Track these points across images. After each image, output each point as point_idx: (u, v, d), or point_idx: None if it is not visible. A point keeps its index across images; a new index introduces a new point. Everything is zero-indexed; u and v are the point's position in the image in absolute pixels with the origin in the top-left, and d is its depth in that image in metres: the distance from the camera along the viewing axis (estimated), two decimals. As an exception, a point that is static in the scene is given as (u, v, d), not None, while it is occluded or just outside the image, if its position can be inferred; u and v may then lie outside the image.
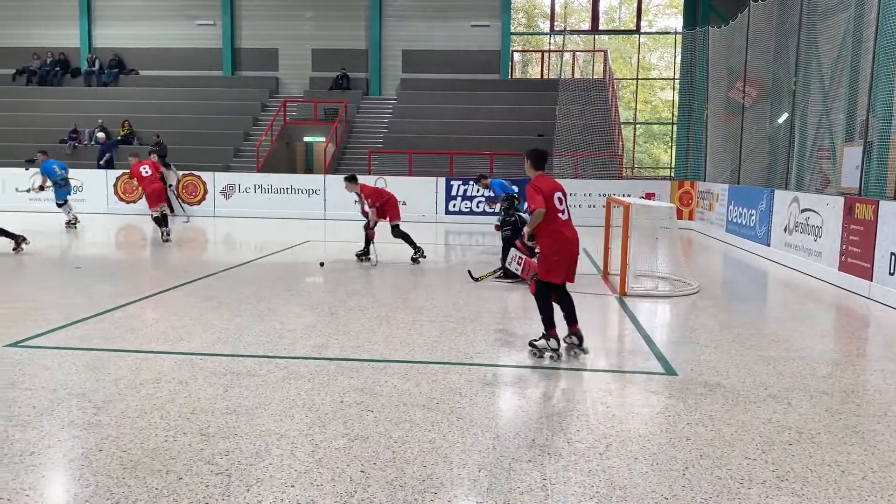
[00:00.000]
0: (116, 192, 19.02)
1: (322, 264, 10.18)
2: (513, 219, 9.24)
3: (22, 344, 5.71)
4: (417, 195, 18.12)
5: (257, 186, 18.72)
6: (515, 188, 12.34)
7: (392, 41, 24.67)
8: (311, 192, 18.60)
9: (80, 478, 3.39)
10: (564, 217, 5.62)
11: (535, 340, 5.70)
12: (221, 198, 18.80)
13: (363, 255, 10.68)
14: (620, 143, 21.67)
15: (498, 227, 9.74)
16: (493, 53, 24.65)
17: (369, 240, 10.58)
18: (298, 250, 12.39)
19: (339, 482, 3.36)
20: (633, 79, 28.44)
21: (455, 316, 7.17)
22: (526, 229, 5.84)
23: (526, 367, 5.48)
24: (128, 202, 18.91)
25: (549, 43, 27.93)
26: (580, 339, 5.69)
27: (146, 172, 12.91)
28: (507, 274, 9.08)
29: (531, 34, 30.89)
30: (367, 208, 10.55)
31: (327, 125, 21.81)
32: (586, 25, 27.86)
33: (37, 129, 21.93)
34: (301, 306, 7.69)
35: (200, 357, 5.47)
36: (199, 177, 18.89)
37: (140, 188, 14.29)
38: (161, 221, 12.85)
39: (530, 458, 3.69)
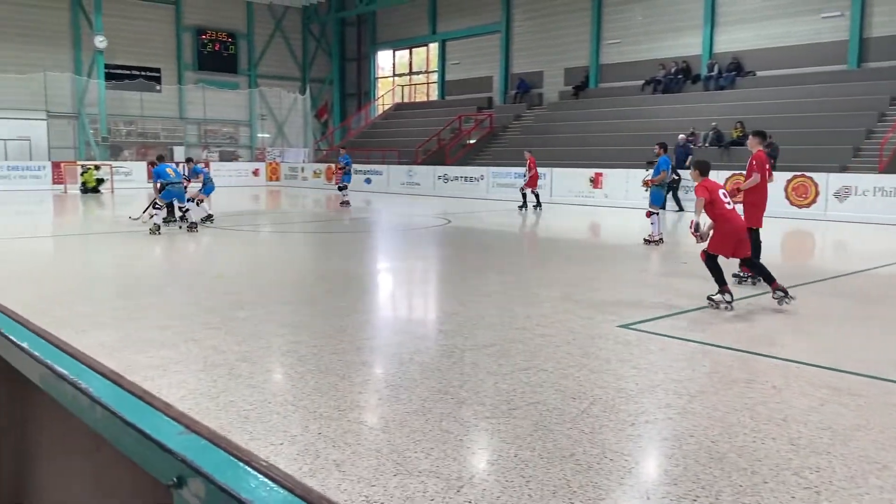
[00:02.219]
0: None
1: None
2: None
3: (632, 326, 6.40)
4: None
5: (877, 189, 16.84)
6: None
7: None
8: (945, 195, 15.86)
9: (671, 456, 3.65)
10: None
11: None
12: (834, 201, 17.52)
13: None
14: None
15: None
16: None
17: None
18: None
19: (954, 538, 2.85)
20: None
21: None
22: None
23: None
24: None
25: None
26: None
27: None
28: None
29: None
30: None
31: (976, 117, 18.20)
32: None
33: (657, 134, 23.98)
34: (921, 327, 6.69)
35: (797, 365, 5.26)
36: (810, 178, 17.97)
37: None
38: None
39: None
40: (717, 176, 19.69)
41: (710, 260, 7.22)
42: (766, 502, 3.13)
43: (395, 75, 39.31)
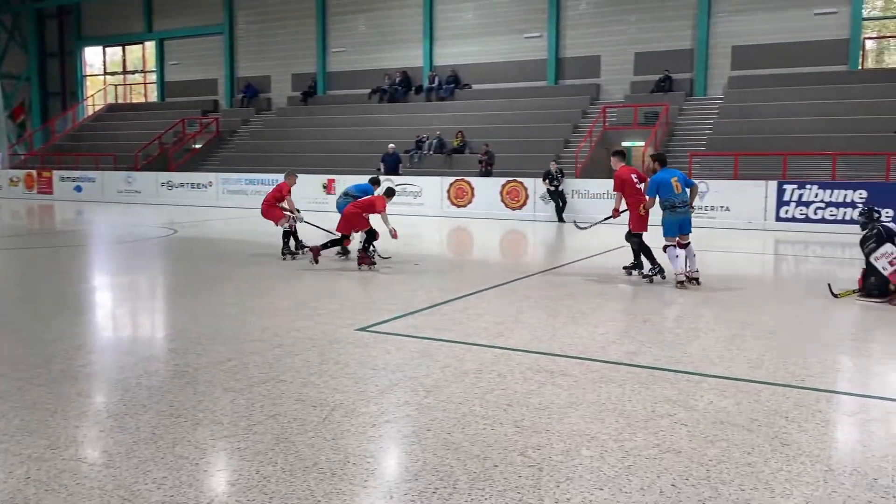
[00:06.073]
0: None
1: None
2: (875, 231, 8.09)
3: (370, 329, 6.53)
4: (743, 200, 16.93)
5: (575, 192, 19.03)
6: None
7: (721, 37, 23.34)
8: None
9: (411, 452, 3.78)
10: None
11: None
12: (541, 203, 19.46)
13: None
14: None
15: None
16: (840, 43, 22.05)
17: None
18: (614, 255, 12.35)
19: (648, 492, 3.30)
20: None
21: (783, 333, 6.58)
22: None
23: (873, 397, 4.83)
24: (459, 206, 20.39)
25: (914, 25, 24.10)
26: None
27: None
28: (869, 294, 7.99)
29: (890, 18, 26.98)
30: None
31: (647, 129, 21.40)
32: (964, 1, 23.48)
33: (385, 142, 24.81)
34: (614, 311, 7.68)
35: (518, 353, 5.74)
36: (521, 183, 19.78)
37: None
38: None
39: (869, 500, 3.25)
40: (442, 182, 20.87)
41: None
42: (497, 484, 3.37)
43: (106, 74, 36.08)
